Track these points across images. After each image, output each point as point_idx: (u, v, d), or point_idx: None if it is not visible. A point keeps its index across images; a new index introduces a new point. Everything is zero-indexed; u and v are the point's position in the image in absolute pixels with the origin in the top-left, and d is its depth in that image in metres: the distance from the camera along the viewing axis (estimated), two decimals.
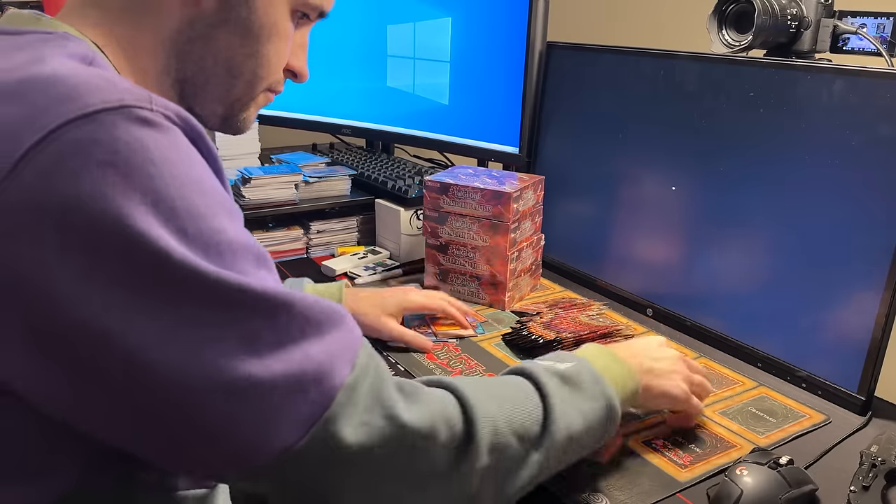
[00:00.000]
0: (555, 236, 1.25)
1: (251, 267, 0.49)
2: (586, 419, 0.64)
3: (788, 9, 0.99)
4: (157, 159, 0.46)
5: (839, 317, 0.87)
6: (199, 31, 0.60)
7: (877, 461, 0.71)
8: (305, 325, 0.50)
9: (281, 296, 0.49)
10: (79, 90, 0.46)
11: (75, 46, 0.54)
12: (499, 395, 0.60)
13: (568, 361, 0.68)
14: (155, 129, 0.47)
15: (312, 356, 0.49)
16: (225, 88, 0.63)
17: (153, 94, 0.48)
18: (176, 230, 0.45)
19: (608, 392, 0.67)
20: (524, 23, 1.24)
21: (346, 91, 1.54)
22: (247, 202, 1.28)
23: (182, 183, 0.47)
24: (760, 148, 0.96)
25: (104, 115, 0.45)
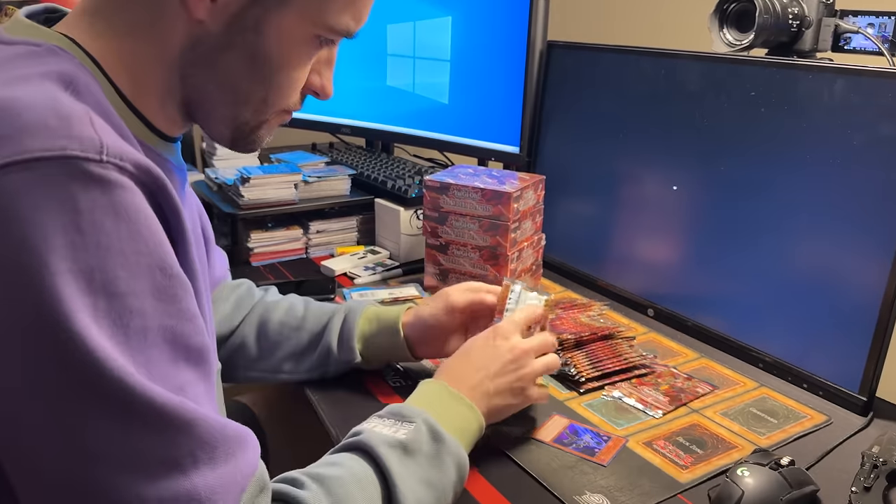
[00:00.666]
0: (555, 236, 1.24)
1: (166, 360, 0.46)
2: (436, 488, 0.62)
3: (790, 8, 0.99)
4: (86, 224, 0.43)
5: (840, 317, 0.87)
6: (202, 55, 0.56)
7: (878, 462, 0.71)
8: (199, 451, 0.46)
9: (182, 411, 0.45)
10: (24, 130, 0.43)
11: (59, 63, 0.50)
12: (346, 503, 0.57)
13: (407, 421, 0.65)
14: (95, 186, 0.43)
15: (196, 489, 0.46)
16: (231, 113, 0.59)
17: (109, 142, 0.45)
18: (90, 304, 0.42)
19: (452, 448, 0.65)
20: (525, 22, 1.23)
21: (346, 90, 1.54)
22: (246, 202, 1.28)
23: (107, 254, 0.43)
24: (761, 147, 0.96)
25: (43, 164, 0.42)
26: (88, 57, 0.54)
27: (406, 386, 0.89)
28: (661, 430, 0.81)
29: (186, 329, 0.48)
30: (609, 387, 0.89)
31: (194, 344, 0.48)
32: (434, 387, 0.72)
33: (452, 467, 0.65)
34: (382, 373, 0.92)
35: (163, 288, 0.46)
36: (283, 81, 0.59)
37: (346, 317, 0.89)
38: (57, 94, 0.47)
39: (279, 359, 0.88)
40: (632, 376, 0.92)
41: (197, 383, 0.49)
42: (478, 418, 0.71)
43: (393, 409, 0.68)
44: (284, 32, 0.56)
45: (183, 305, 0.48)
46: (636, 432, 0.81)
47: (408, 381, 0.90)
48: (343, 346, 0.87)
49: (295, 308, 0.90)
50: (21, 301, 0.42)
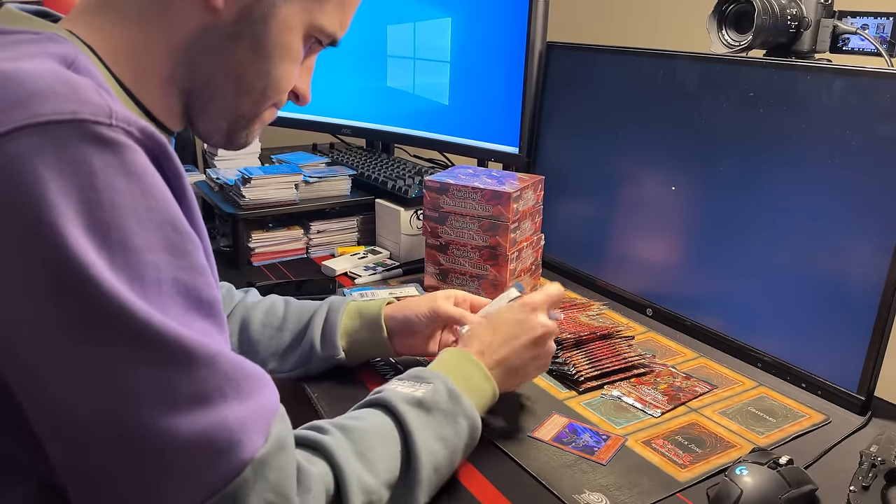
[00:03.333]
0: (555, 236, 1.25)
1: (181, 309, 0.47)
2: (448, 444, 0.66)
3: (788, 9, 0.99)
4: (101, 184, 0.44)
5: (839, 317, 0.88)
6: (212, 43, 0.58)
7: (876, 461, 0.71)
8: (226, 385, 0.48)
9: (206, 347, 0.47)
10: (34, 96, 0.44)
11: (59, 47, 0.52)
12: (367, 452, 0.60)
13: (426, 382, 0.69)
14: (107, 148, 0.45)
15: (227, 421, 0.48)
16: (232, 104, 0.62)
17: (116, 108, 0.47)
18: (107, 258, 0.44)
19: (467, 409, 0.69)
20: (524, 23, 1.24)
21: (346, 91, 1.54)
22: (247, 202, 1.28)
23: (122, 211, 0.45)
24: (760, 148, 0.96)
25: (54, 127, 0.44)
26: (87, 47, 0.56)
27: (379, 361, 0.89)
28: (660, 429, 0.81)
29: (198, 282, 0.49)
30: (608, 386, 0.90)
31: (206, 297, 0.50)
32: (456, 355, 0.75)
33: (465, 428, 0.68)
34: (381, 372, 0.92)
35: (174, 243, 0.48)
36: (281, 74, 0.62)
37: (328, 314, 0.89)
38: (60, 68, 0.49)
39: (262, 359, 0.89)
40: (631, 375, 0.92)
41: (213, 331, 0.50)
42: (492, 387, 0.74)
43: (413, 372, 0.71)
44: (286, 26, 0.60)
45: (193, 260, 0.50)
46: (635, 431, 0.81)
47: None
48: (326, 342, 0.88)
49: (275, 308, 0.91)
50: (43, 258, 0.43)
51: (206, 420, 0.47)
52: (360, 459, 0.59)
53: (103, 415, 0.45)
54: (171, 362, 0.46)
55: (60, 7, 0.62)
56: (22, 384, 0.46)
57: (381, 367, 0.93)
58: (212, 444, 0.47)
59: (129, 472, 0.46)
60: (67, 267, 0.43)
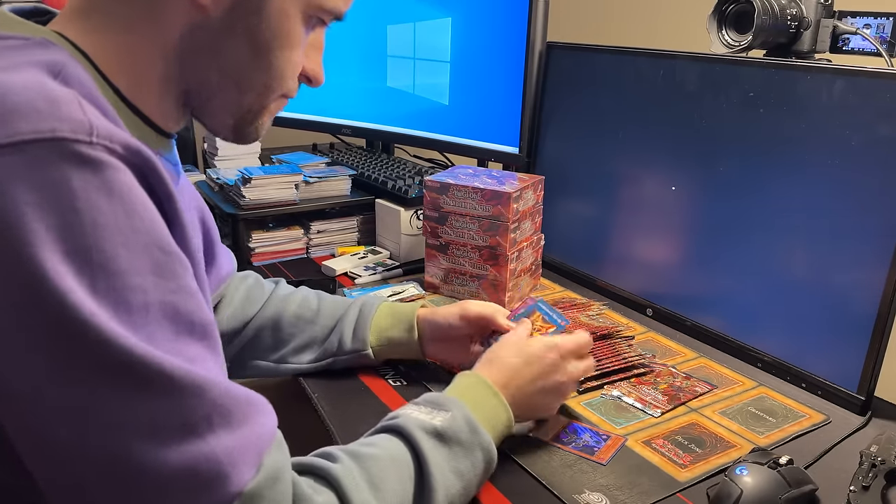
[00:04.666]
0: (555, 236, 1.25)
1: (168, 334, 0.46)
2: (464, 478, 0.64)
3: (788, 9, 0.99)
4: (81, 204, 0.43)
5: (839, 317, 0.88)
6: (202, 41, 0.56)
7: (876, 461, 0.71)
8: (214, 414, 0.46)
9: (192, 376, 0.46)
10: (11, 113, 0.43)
11: (47, 54, 0.50)
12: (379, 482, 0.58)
13: (444, 410, 0.66)
14: (87, 167, 0.43)
15: (214, 452, 0.46)
16: (234, 101, 0.59)
17: (99, 124, 0.45)
18: (88, 284, 0.42)
19: (484, 441, 0.66)
20: (524, 23, 1.24)
21: (346, 91, 1.54)
22: (247, 202, 1.28)
23: (104, 233, 0.43)
24: (760, 148, 0.96)
25: (32, 146, 0.42)
26: (80, 52, 0.54)
27: (406, 386, 0.89)
28: (660, 429, 0.81)
29: (189, 304, 0.48)
30: (608, 386, 0.90)
31: (198, 319, 0.48)
32: (472, 379, 0.73)
33: (482, 461, 0.66)
34: (382, 373, 0.92)
35: (162, 264, 0.46)
36: (283, 64, 0.59)
37: (361, 310, 0.90)
38: (44, 80, 0.47)
39: (290, 349, 0.89)
40: (631, 375, 0.92)
41: (205, 356, 0.49)
42: (509, 416, 0.72)
43: (429, 398, 0.69)
44: (282, 13, 0.57)
45: (183, 282, 0.48)
46: (635, 431, 0.81)
47: (408, 381, 0.90)
48: (356, 336, 0.88)
49: (309, 301, 0.92)
50: (19, 284, 0.42)
51: (192, 452, 0.45)
52: (370, 489, 0.57)
53: (87, 445, 0.44)
54: (156, 392, 0.44)
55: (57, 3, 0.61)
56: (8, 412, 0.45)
57: (382, 368, 0.93)
58: (198, 475, 0.45)
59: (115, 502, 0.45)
60: (45, 295, 0.41)
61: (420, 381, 0.90)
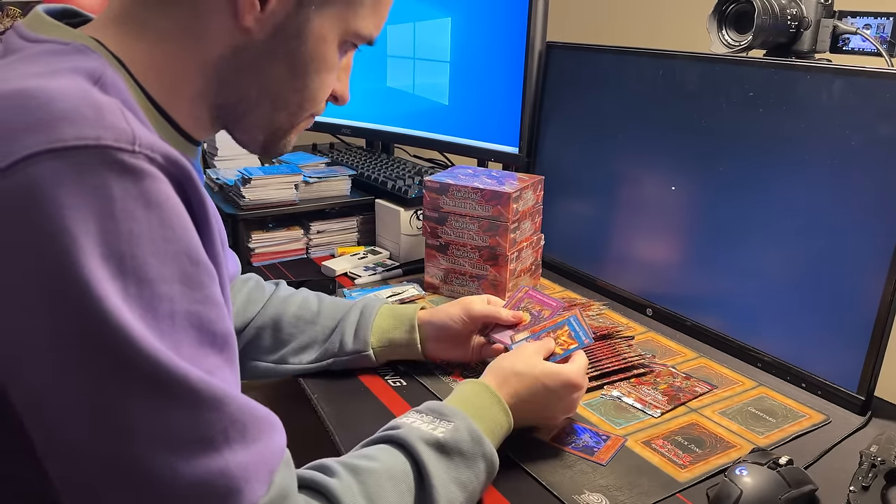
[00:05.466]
0: (554, 236, 1.25)
1: (193, 344, 0.47)
2: (466, 489, 0.63)
3: (788, 9, 0.99)
4: (119, 213, 0.44)
5: (839, 317, 0.88)
6: (245, 61, 0.57)
7: (876, 461, 0.71)
8: (231, 428, 0.47)
9: (213, 388, 0.46)
10: (57, 119, 0.44)
11: (87, 61, 0.51)
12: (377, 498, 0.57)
13: (447, 420, 0.66)
14: (128, 176, 0.44)
15: (229, 467, 0.46)
16: (268, 118, 0.61)
17: (141, 133, 0.46)
18: (121, 288, 0.43)
19: (487, 451, 0.66)
20: (524, 23, 1.24)
21: None
22: (247, 202, 1.28)
23: (138, 242, 0.44)
24: (760, 148, 0.96)
25: (76, 153, 0.43)
26: (115, 59, 0.54)
27: (406, 387, 0.89)
28: (660, 429, 0.81)
29: (212, 315, 0.49)
30: (608, 386, 0.90)
31: (220, 330, 0.49)
32: (476, 387, 0.73)
33: (484, 470, 0.66)
34: (381, 373, 0.92)
35: (190, 275, 0.47)
36: (318, 86, 0.61)
37: (362, 311, 0.91)
38: (87, 87, 0.48)
39: (289, 350, 0.90)
40: (630, 376, 0.92)
41: (224, 368, 0.49)
42: (509, 421, 0.72)
43: (432, 406, 0.69)
44: (321, 38, 0.59)
45: (208, 292, 0.49)
46: (635, 431, 0.81)
47: (407, 382, 0.90)
48: (357, 337, 0.89)
49: (309, 302, 0.93)
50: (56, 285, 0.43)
51: (208, 465, 0.45)
52: None
53: (104, 447, 0.44)
54: (176, 402, 0.45)
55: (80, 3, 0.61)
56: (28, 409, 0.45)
57: (382, 369, 0.93)
58: (212, 490, 0.46)
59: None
60: (81, 296, 0.42)
61: (419, 382, 0.90)
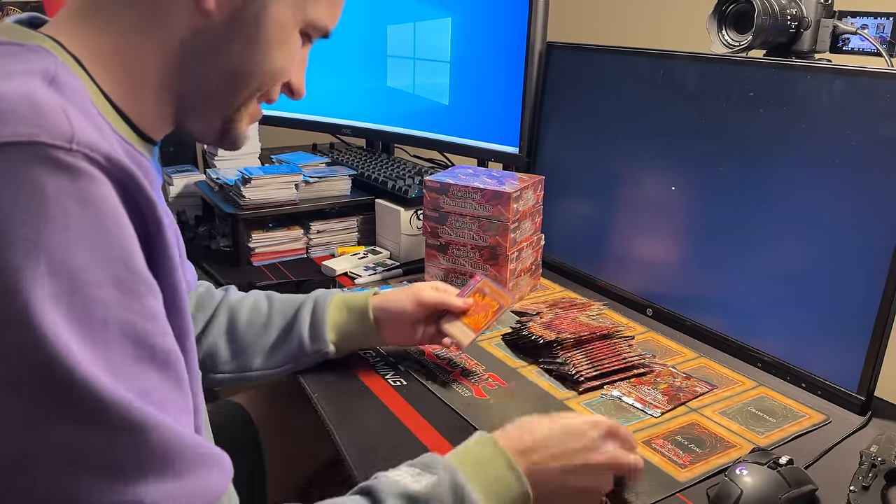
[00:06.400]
0: (555, 236, 1.25)
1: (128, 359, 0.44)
2: None
3: (788, 9, 0.99)
4: (53, 210, 0.42)
5: (839, 317, 0.88)
6: (205, 44, 0.57)
7: (877, 461, 0.71)
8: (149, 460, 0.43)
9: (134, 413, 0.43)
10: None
11: (39, 61, 0.50)
12: None
13: (431, 472, 0.58)
14: (62, 172, 0.43)
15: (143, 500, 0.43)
16: (226, 102, 0.61)
17: (81, 133, 0.44)
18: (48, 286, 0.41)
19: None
20: (524, 23, 1.24)
21: (346, 91, 1.54)
22: (247, 202, 1.28)
23: (73, 242, 0.42)
24: (760, 148, 0.96)
25: (8, 149, 0.42)
26: (71, 57, 0.54)
27: (405, 387, 0.89)
28: (660, 429, 0.81)
29: (150, 328, 0.46)
30: (608, 386, 0.90)
31: (160, 344, 0.46)
32: (483, 441, 0.63)
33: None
34: (382, 373, 0.92)
35: (126, 282, 0.45)
36: (277, 66, 0.61)
37: (314, 307, 0.90)
38: (34, 87, 0.46)
39: (249, 357, 0.89)
40: (631, 375, 0.92)
41: (164, 388, 0.47)
42: (523, 490, 0.60)
43: (426, 459, 0.61)
44: (280, 24, 0.59)
45: (146, 303, 0.46)
46: (635, 431, 0.81)
47: (408, 381, 0.90)
48: (315, 337, 0.89)
49: (259, 304, 0.92)
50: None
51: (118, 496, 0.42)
52: None
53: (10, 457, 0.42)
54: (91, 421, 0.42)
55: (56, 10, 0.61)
56: None
57: (382, 368, 0.93)
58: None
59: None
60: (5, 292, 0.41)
61: (419, 381, 0.90)
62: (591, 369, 0.90)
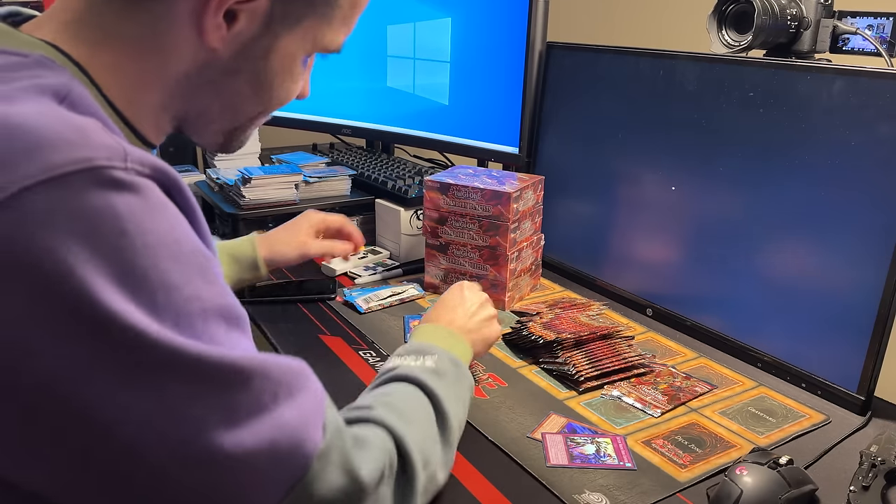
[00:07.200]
0: (555, 236, 1.25)
1: (223, 331, 0.48)
2: (463, 402, 0.74)
3: (788, 9, 0.99)
4: (129, 229, 0.43)
5: (839, 317, 0.88)
6: (209, 78, 0.56)
7: (876, 461, 0.71)
8: (279, 390, 0.50)
9: (255, 363, 0.48)
10: (43, 146, 0.42)
11: (51, 77, 0.49)
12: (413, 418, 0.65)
13: (429, 354, 0.75)
14: (128, 191, 0.44)
15: (287, 423, 0.49)
16: (228, 125, 0.61)
17: (129, 148, 0.45)
18: (147, 304, 0.43)
19: (465, 371, 0.77)
20: (524, 23, 1.24)
21: (346, 91, 1.54)
22: (247, 202, 1.28)
23: (155, 252, 0.44)
24: (760, 148, 0.96)
25: (72, 178, 0.41)
26: (78, 67, 0.52)
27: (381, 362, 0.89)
28: (660, 429, 0.81)
29: (229, 300, 0.50)
30: (608, 386, 0.90)
31: (237, 312, 0.50)
32: (432, 328, 0.83)
33: (467, 388, 0.76)
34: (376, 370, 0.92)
35: (206, 269, 0.48)
36: (281, 96, 0.62)
37: None
38: (57, 108, 0.46)
39: None
40: (630, 375, 0.92)
41: (249, 344, 0.51)
42: (467, 349, 0.82)
43: (409, 347, 0.77)
44: (288, 56, 0.58)
45: (221, 280, 0.50)
46: (635, 431, 0.81)
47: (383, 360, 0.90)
48: None
49: None
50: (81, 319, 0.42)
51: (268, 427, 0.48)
52: (408, 423, 0.63)
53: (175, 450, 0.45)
54: (229, 385, 0.47)
55: None
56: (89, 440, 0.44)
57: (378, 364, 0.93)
58: (278, 448, 0.48)
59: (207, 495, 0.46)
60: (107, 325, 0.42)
61: None
62: (591, 369, 0.90)
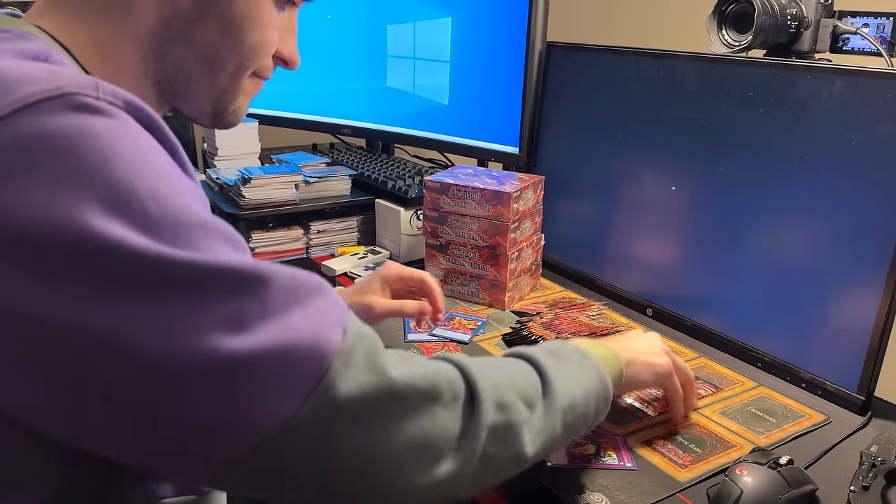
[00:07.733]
0: (555, 236, 1.25)
1: (221, 245, 0.47)
2: (582, 385, 0.64)
3: (788, 9, 0.99)
4: (110, 143, 0.43)
5: (839, 317, 0.88)
6: (176, 30, 0.57)
7: (877, 461, 0.71)
8: (286, 297, 0.48)
9: (257, 270, 0.47)
10: (16, 83, 0.43)
11: (29, 44, 0.51)
12: (495, 366, 0.60)
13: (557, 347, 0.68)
14: (101, 115, 0.44)
15: (298, 326, 0.48)
16: (209, 85, 0.61)
17: (100, 82, 0.46)
18: (138, 218, 0.43)
19: (597, 364, 0.67)
20: (524, 23, 1.24)
21: (346, 91, 1.54)
22: (247, 202, 1.28)
23: (140, 165, 0.44)
24: (760, 148, 0.96)
25: (45, 104, 0.43)
26: (58, 43, 0.54)
27: None
28: (661, 429, 0.81)
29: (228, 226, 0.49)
30: None
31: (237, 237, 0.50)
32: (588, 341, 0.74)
33: (596, 379, 0.66)
34: None
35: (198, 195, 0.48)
36: (255, 43, 0.60)
37: None
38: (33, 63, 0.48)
39: None
40: None
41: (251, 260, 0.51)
42: (616, 358, 0.72)
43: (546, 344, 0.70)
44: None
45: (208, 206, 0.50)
46: (635, 431, 0.81)
47: None
48: None
49: None
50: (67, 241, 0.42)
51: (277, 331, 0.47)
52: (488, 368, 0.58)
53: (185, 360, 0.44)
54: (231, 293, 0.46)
55: None
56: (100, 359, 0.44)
57: None
58: (290, 350, 0.47)
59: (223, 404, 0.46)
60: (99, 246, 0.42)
61: None
62: None
